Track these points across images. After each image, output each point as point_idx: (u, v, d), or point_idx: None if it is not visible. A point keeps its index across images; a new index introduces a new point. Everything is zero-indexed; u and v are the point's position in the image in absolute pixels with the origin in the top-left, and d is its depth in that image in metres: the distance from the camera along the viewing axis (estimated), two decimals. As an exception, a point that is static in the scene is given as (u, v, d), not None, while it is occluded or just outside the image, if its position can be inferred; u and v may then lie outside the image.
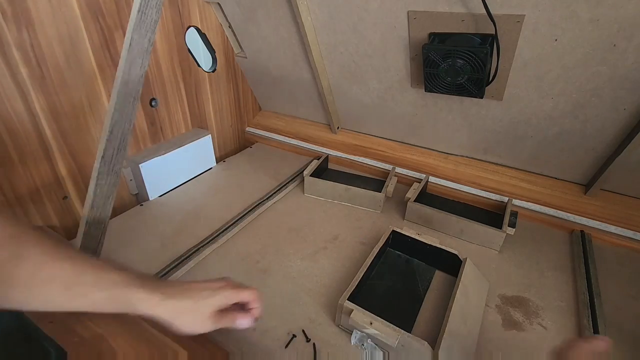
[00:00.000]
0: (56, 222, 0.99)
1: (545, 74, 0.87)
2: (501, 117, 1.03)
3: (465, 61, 0.85)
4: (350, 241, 1.00)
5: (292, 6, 1.03)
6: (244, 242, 0.99)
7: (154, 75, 1.15)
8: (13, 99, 0.83)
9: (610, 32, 0.74)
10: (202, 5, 1.23)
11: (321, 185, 1.18)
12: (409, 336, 0.64)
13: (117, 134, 0.59)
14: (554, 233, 1.05)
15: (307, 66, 1.25)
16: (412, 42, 0.97)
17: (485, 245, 0.98)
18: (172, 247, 0.95)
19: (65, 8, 0.87)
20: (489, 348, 0.71)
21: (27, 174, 0.90)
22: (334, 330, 0.73)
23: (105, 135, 0.58)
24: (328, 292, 0.83)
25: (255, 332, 0.72)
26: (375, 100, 1.23)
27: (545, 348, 0.71)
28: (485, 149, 1.17)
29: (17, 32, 0.80)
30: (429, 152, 1.28)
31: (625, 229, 0.99)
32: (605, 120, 0.89)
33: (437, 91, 0.97)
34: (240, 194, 1.21)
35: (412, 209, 1.07)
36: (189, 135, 1.31)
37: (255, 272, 0.88)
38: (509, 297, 0.83)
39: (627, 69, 0.78)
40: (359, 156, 1.39)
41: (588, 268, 0.89)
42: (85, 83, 0.96)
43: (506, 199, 1.11)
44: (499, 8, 0.79)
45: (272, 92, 1.52)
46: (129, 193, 1.16)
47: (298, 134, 1.54)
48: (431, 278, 0.87)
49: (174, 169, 1.22)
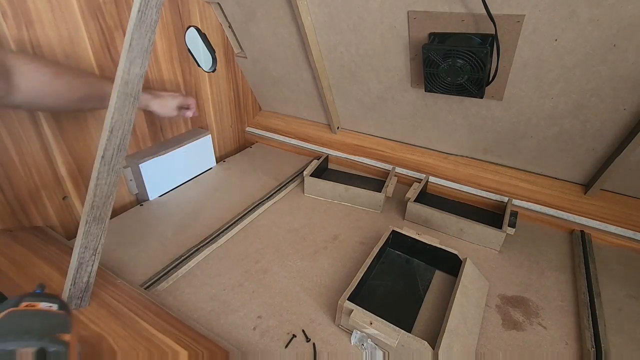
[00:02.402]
0: (56, 222, 0.99)
1: (545, 74, 0.87)
2: (501, 117, 1.03)
3: (465, 61, 0.85)
4: (350, 241, 1.00)
5: (292, 6, 1.03)
6: (244, 242, 0.99)
7: (154, 75, 1.15)
8: (13, 99, 0.83)
9: (610, 32, 0.74)
10: (202, 5, 1.23)
11: (321, 185, 1.18)
12: (409, 336, 0.64)
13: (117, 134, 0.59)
14: (554, 233, 1.05)
15: (307, 66, 1.25)
16: (412, 42, 0.97)
17: (485, 245, 0.99)
18: (172, 247, 0.95)
19: (65, 8, 0.87)
20: (489, 348, 0.71)
21: (27, 174, 0.90)
22: (334, 330, 0.73)
23: (105, 135, 0.58)
24: (328, 292, 0.83)
25: (255, 332, 0.72)
26: (375, 100, 1.23)
27: (545, 348, 0.71)
28: (485, 149, 1.17)
29: (17, 32, 0.80)
30: (429, 152, 1.28)
31: (625, 229, 0.99)
32: (605, 120, 0.90)
33: (437, 91, 0.97)
34: (240, 194, 1.21)
35: (412, 209, 1.07)
36: (189, 135, 1.31)
37: (255, 272, 0.88)
38: (509, 297, 0.83)
39: (627, 69, 0.78)
40: (359, 156, 1.39)
41: (588, 268, 0.89)
42: (85, 83, 0.96)
43: (506, 199, 1.11)
44: (499, 8, 0.79)
45: (272, 92, 1.53)
46: (129, 193, 1.16)
47: (298, 134, 1.54)
48: (431, 278, 0.87)
49: (174, 169, 1.22)
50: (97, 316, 0.66)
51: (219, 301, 0.80)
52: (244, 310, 0.77)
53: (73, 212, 1.02)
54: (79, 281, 0.65)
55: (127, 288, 0.74)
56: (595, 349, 0.68)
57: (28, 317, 0.35)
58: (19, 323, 0.34)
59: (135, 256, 0.92)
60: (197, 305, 0.79)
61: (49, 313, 0.36)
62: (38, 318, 0.35)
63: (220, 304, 0.79)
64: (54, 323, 0.35)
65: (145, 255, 0.93)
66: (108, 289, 0.72)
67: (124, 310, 0.67)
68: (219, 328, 0.73)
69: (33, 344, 0.32)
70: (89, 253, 0.65)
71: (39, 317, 0.35)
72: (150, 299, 0.72)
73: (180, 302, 0.79)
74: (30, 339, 0.32)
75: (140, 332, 0.63)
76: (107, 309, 0.67)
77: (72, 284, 0.64)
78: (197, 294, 0.82)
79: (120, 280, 0.76)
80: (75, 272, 0.64)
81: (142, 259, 0.91)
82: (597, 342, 0.70)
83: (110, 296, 0.71)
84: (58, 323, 0.35)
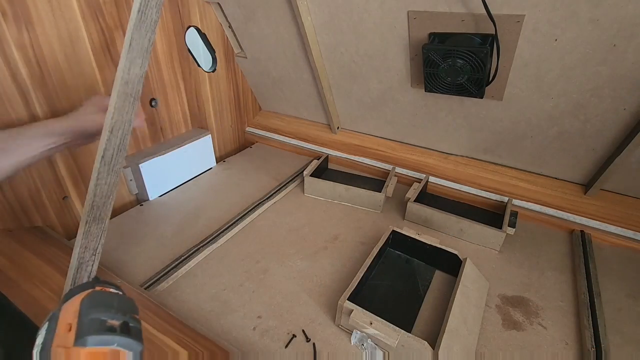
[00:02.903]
0: (56, 222, 0.99)
1: (545, 74, 0.87)
2: (501, 117, 1.03)
3: (465, 61, 0.85)
4: (350, 241, 1.00)
5: (292, 6, 1.03)
6: (244, 242, 0.99)
7: (154, 75, 1.15)
8: (13, 99, 0.83)
9: (610, 32, 0.74)
10: (202, 5, 1.23)
11: (321, 185, 1.18)
12: (409, 336, 0.64)
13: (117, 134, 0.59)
14: (554, 233, 1.05)
15: (307, 66, 1.25)
16: (412, 42, 0.97)
17: (485, 245, 0.98)
18: (172, 247, 0.95)
19: (65, 8, 0.87)
20: (489, 348, 0.71)
21: (27, 174, 0.90)
22: (334, 330, 0.73)
23: (105, 135, 0.58)
24: (328, 292, 0.83)
25: (255, 332, 0.72)
26: (375, 100, 1.23)
27: (545, 348, 0.71)
28: (485, 149, 1.17)
29: (17, 32, 0.80)
30: (429, 152, 1.28)
31: (625, 229, 0.99)
32: (605, 120, 0.89)
33: (437, 91, 0.97)
34: (240, 194, 1.21)
35: (412, 209, 1.07)
36: (189, 135, 1.31)
37: (255, 272, 0.88)
38: (509, 297, 0.83)
39: (627, 69, 0.78)
40: (359, 156, 1.39)
41: (588, 268, 0.89)
42: (85, 83, 0.96)
43: (506, 199, 1.11)
44: (499, 8, 0.79)
45: (272, 92, 1.52)
46: (129, 193, 1.16)
47: (298, 134, 1.54)
48: (431, 278, 0.87)
49: (174, 169, 1.22)
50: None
51: (219, 301, 0.80)
52: (244, 310, 0.77)
53: (73, 212, 1.02)
54: (79, 281, 0.65)
55: (127, 288, 0.74)
56: (595, 349, 0.68)
57: (108, 296, 0.40)
58: (103, 300, 0.38)
59: (135, 256, 0.92)
60: (197, 305, 0.79)
61: (122, 296, 0.41)
62: (115, 298, 0.39)
63: (220, 304, 0.79)
64: (128, 304, 0.40)
65: (145, 255, 0.93)
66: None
67: (124, 310, 0.67)
68: (219, 328, 0.73)
69: (119, 317, 0.36)
70: (89, 253, 0.65)
71: (116, 298, 0.40)
72: (150, 299, 0.72)
73: (180, 302, 0.79)
74: (116, 312, 0.37)
75: (140, 332, 0.62)
76: (107, 309, 0.67)
77: (72, 284, 0.64)
78: (197, 294, 0.82)
79: (120, 280, 0.76)
80: (75, 272, 0.64)
81: (142, 259, 0.91)
82: (597, 342, 0.70)
83: (110, 296, 0.71)
84: (131, 305, 0.40)
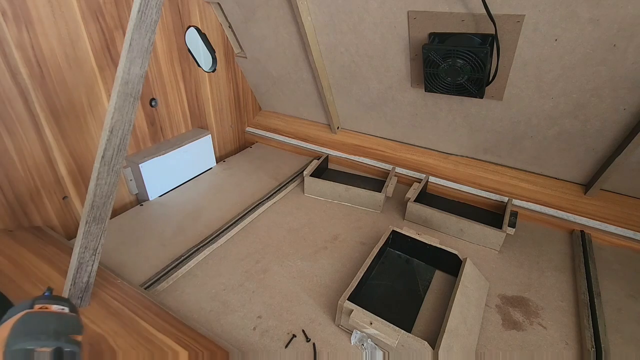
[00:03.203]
0: (56, 222, 0.99)
1: (545, 74, 0.87)
2: (501, 117, 1.03)
3: (465, 61, 0.85)
4: (350, 241, 1.00)
5: (292, 6, 1.03)
6: (244, 242, 0.99)
7: (154, 75, 1.15)
8: (13, 99, 0.83)
9: (610, 32, 0.74)
10: (202, 5, 1.23)
11: (321, 185, 1.18)
12: (408, 336, 0.64)
13: (117, 134, 0.59)
14: (554, 233, 1.05)
15: (307, 66, 1.25)
16: (412, 42, 0.97)
17: (485, 245, 0.98)
18: (172, 247, 0.95)
19: (65, 8, 0.87)
20: (489, 348, 0.71)
21: (27, 174, 0.90)
22: (334, 330, 0.73)
23: (105, 135, 0.58)
24: (328, 292, 0.83)
25: (255, 332, 0.72)
26: (375, 100, 1.23)
27: (545, 348, 0.71)
28: (485, 149, 1.17)
29: (17, 32, 0.80)
30: (429, 152, 1.28)
31: (625, 229, 0.99)
32: (605, 120, 0.89)
33: (437, 91, 0.97)
34: (240, 194, 1.21)
35: (412, 209, 1.07)
36: (189, 135, 1.31)
37: (255, 272, 0.88)
38: (509, 297, 0.83)
39: (627, 69, 0.78)
40: (359, 156, 1.39)
41: (588, 268, 0.89)
42: (85, 83, 0.96)
43: (506, 199, 1.11)
44: (499, 8, 0.79)
45: (272, 92, 1.52)
46: (129, 193, 1.16)
47: (298, 134, 1.54)
48: (431, 278, 0.87)
49: (174, 169, 1.22)
50: (97, 316, 0.66)
51: (219, 301, 0.80)
52: (244, 310, 0.77)
53: (73, 212, 1.02)
54: (79, 281, 0.65)
55: (127, 288, 0.74)
56: (595, 349, 0.68)
57: (43, 318, 0.36)
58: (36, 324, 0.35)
59: (135, 256, 0.92)
60: (197, 305, 0.79)
61: (62, 315, 0.38)
62: (53, 319, 0.36)
63: (220, 304, 0.79)
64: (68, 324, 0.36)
65: (145, 255, 0.93)
66: (108, 289, 0.73)
67: (124, 310, 0.67)
68: (219, 328, 0.73)
69: (50, 344, 0.33)
70: (89, 253, 0.65)
71: (53, 319, 0.36)
72: (150, 299, 0.72)
73: (180, 302, 0.79)
74: (47, 339, 0.33)
75: (140, 332, 0.63)
76: (107, 309, 0.68)
77: (72, 284, 0.64)
78: (197, 294, 0.82)
79: (120, 280, 0.76)
80: (75, 272, 0.64)
81: (142, 259, 0.91)
82: (597, 342, 0.70)
83: (110, 296, 0.71)
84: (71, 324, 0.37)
